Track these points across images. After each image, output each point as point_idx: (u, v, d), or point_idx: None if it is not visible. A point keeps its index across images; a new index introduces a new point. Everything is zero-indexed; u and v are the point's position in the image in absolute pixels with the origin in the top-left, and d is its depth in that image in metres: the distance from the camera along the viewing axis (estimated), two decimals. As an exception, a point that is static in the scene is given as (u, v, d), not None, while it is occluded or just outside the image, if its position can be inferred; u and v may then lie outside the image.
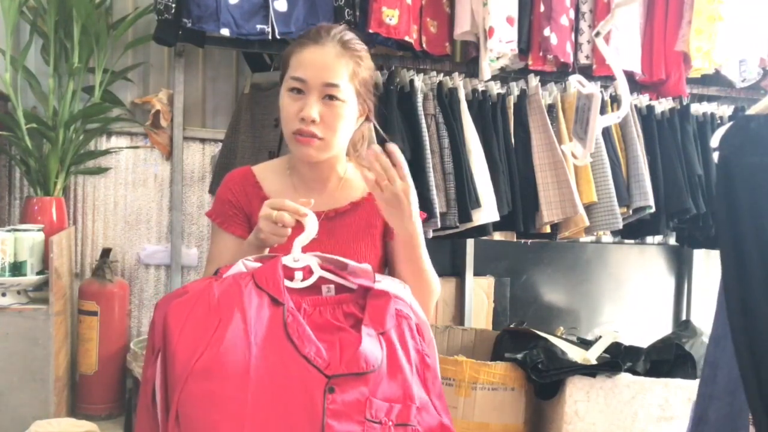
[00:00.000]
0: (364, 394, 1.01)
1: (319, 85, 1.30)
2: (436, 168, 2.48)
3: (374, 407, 1.01)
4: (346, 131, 1.36)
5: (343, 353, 1.03)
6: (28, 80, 2.55)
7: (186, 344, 0.98)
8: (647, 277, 3.53)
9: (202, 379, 0.96)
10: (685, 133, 2.89)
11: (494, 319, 3.18)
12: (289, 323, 1.03)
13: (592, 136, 1.71)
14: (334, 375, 1.00)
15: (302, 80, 1.30)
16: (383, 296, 1.12)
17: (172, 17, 2.31)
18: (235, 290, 1.04)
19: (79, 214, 2.79)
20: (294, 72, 1.31)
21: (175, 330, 1.00)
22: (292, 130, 1.32)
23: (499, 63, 2.64)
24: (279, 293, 1.06)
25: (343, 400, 0.99)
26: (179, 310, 1.02)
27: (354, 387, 1.00)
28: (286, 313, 1.04)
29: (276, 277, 1.08)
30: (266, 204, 1.20)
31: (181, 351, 0.98)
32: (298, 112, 1.30)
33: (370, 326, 1.07)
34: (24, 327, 2.03)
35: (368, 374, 1.02)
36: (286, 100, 1.32)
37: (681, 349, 2.26)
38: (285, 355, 1.01)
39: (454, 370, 2.14)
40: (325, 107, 1.31)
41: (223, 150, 2.71)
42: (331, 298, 1.12)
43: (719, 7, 2.70)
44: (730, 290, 1.01)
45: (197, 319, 1.00)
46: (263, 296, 1.06)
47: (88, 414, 2.46)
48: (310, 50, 1.32)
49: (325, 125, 1.31)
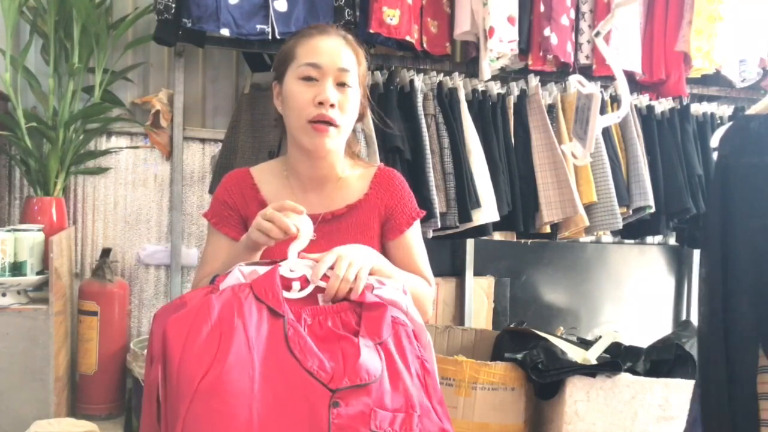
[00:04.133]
0: (368, 406, 1.00)
1: (334, 70, 1.30)
2: (436, 168, 2.48)
3: (378, 418, 1.00)
4: (354, 120, 1.37)
5: (346, 363, 1.02)
6: (28, 80, 2.55)
7: (188, 363, 0.96)
8: (647, 277, 3.53)
9: (208, 399, 0.95)
10: (685, 133, 2.89)
11: (494, 319, 3.18)
12: (290, 336, 1.02)
13: (592, 136, 1.71)
14: (337, 389, 0.99)
15: (317, 66, 1.30)
16: (378, 307, 1.11)
17: (172, 17, 2.31)
18: (234, 304, 1.03)
19: (79, 214, 2.79)
20: (307, 59, 1.31)
21: (175, 348, 0.98)
22: (307, 118, 1.30)
23: (499, 63, 2.64)
24: (279, 305, 1.05)
25: (348, 414, 0.99)
26: (179, 326, 0.99)
27: (357, 399, 1.00)
28: (286, 325, 1.03)
29: (275, 288, 1.07)
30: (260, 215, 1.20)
31: (184, 370, 0.96)
32: (314, 98, 1.29)
33: (367, 337, 1.06)
34: (24, 327, 2.03)
35: (370, 385, 1.01)
36: (297, 88, 1.31)
37: (681, 349, 2.26)
38: (288, 370, 1.00)
39: (454, 370, 2.14)
40: (339, 93, 1.31)
41: (223, 150, 2.71)
42: (329, 307, 1.11)
43: (719, 7, 2.70)
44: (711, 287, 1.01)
45: (198, 335, 0.99)
46: (263, 308, 1.05)
47: (88, 414, 2.46)
48: (318, 39, 1.33)
49: (341, 110, 1.31)
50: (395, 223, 1.41)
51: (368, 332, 1.08)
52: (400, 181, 1.45)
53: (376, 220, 1.39)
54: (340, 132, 1.33)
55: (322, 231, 1.34)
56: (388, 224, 1.41)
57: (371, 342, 1.06)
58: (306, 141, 1.33)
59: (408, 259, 1.41)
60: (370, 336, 1.07)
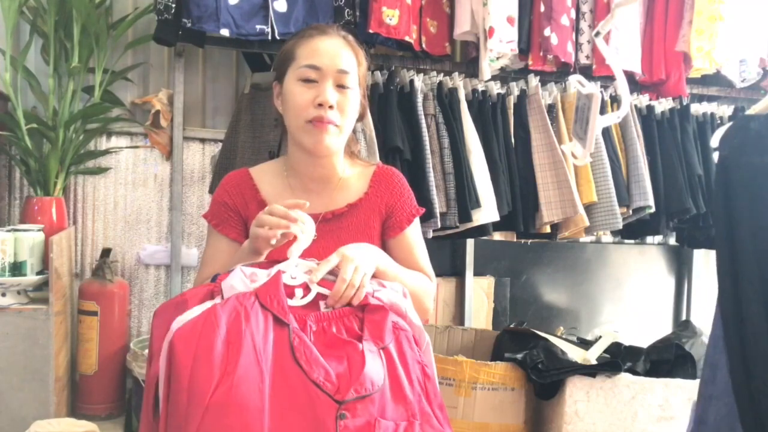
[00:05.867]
0: (372, 416, 1.01)
1: (334, 72, 1.31)
2: (436, 168, 2.48)
3: (382, 428, 1.01)
4: (354, 121, 1.37)
5: (352, 372, 1.02)
6: (28, 80, 2.55)
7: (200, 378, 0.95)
8: (647, 277, 3.53)
9: (219, 414, 0.94)
10: (685, 133, 2.89)
11: (494, 319, 3.18)
12: (296, 346, 1.02)
13: (592, 136, 1.71)
14: (344, 400, 0.99)
15: (317, 67, 1.30)
16: (380, 311, 1.12)
17: (172, 17, 2.31)
18: (241, 313, 1.02)
19: (79, 214, 2.79)
20: (306, 60, 1.31)
21: (185, 362, 0.96)
22: (307, 118, 1.31)
23: (499, 63, 2.64)
24: (284, 314, 1.05)
25: (354, 425, 0.99)
26: (188, 339, 0.98)
27: (363, 409, 1.00)
28: (291, 335, 1.03)
29: (279, 296, 1.07)
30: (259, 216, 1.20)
31: (195, 386, 0.95)
32: (314, 99, 1.30)
33: (371, 341, 1.07)
34: (24, 327, 2.03)
35: (374, 394, 1.02)
36: (297, 89, 1.32)
37: (681, 349, 2.26)
38: (294, 382, 1.00)
39: (454, 370, 2.14)
40: (339, 94, 1.31)
41: (223, 150, 2.71)
42: (332, 313, 1.11)
43: (720, 7, 2.70)
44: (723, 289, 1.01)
45: (208, 349, 0.97)
46: (268, 316, 1.04)
47: (88, 414, 2.46)
48: (318, 40, 1.33)
49: (340, 111, 1.32)
50: (396, 220, 1.41)
51: (371, 336, 1.08)
52: (399, 179, 1.45)
53: (377, 218, 1.40)
54: (341, 132, 1.33)
55: (323, 230, 1.34)
56: (389, 222, 1.42)
57: (375, 347, 1.06)
58: (306, 140, 1.33)
59: (409, 257, 1.41)
60: (373, 340, 1.07)
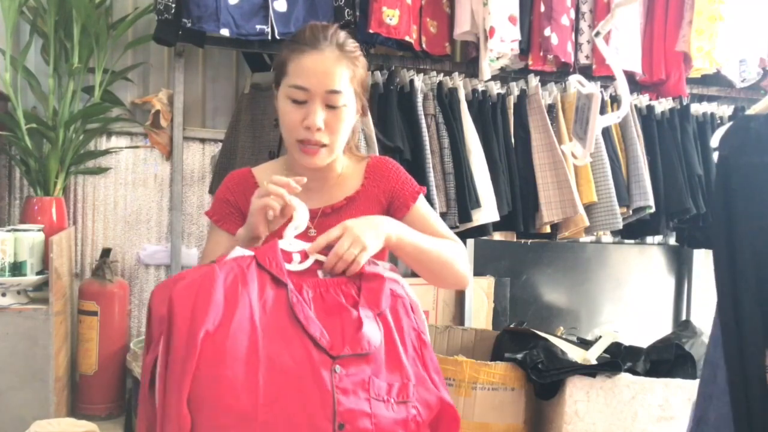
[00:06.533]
0: (366, 374, 1.05)
1: (322, 93, 1.29)
2: (436, 168, 2.48)
3: (376, 386, 1.05)
4: (347, 132, 1.37)
5: (346, 334, 1.06)
6: (28, 80, 2.55)
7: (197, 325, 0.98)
8: (647, 277, 3.53)
9: (212, 366, 0.97)
10: (685, 133, 2.89)
11: (494, 319, 3.18)
12: (294, 304, 1.06)
13: (592, 136, 1.71)
14: (339, 355, 1.03)
15: (304, 89, 1.29)
16: (376, 278, 1.15)
17: (172, 17, 2.31)
18: (238, 272, 1.05)
19: (79, 214, 2.79)
20: (295, 80, 1.30)
21: (181, 314, 0.99)
22: (296, 138, 1.31)
23: (499, 63, 2.64)
24: (281, 273, 1.08)
25: (350, 381, 1.03)
26: (185, 294, 1.01)
27: (358, 366, 1.04)
28: (290, 294, 1.07)
29: (277, 257, 1.10)
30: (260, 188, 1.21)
31: (190, 335, 0.98)
32: (302, 120, 1.29)
33: (367, 307, 1.10)
34: (24, 327, 2.03)
35: (370, 355, 1.06)
36: (287, 107, 1.31)
37: (681, 349, 2.26)
38: (291, 336, 1.03)
39: (454, 370, 2.14)
40: (328, 113, 1.31)
41: (223, 150, 2.71)
42: (329, 280, 1.14)
43: (720, 7, 2.70)
44: (721, 289, 1.01)
45: (204, 299, 1.00)
46: (265, 276, 1.07)
47: (88, 414, 2.46)
48: (309, 57, 1.30)
49: (329, 130, 1.31)
50: (401, 202, 1.41)
51: (368, 303, 1.11)
52: (393, 165, 1.45)
53: (377, 208, 1.40)
54: (332, 150, 1.33)
55: (323, 225, 1.34)
56: (393, 205, 1.41)
57: (371, 313, 1.10)
58: (297, 157, 1.35)
59: (425, 229, 1.38)
60: (369, 306, 1.11)
